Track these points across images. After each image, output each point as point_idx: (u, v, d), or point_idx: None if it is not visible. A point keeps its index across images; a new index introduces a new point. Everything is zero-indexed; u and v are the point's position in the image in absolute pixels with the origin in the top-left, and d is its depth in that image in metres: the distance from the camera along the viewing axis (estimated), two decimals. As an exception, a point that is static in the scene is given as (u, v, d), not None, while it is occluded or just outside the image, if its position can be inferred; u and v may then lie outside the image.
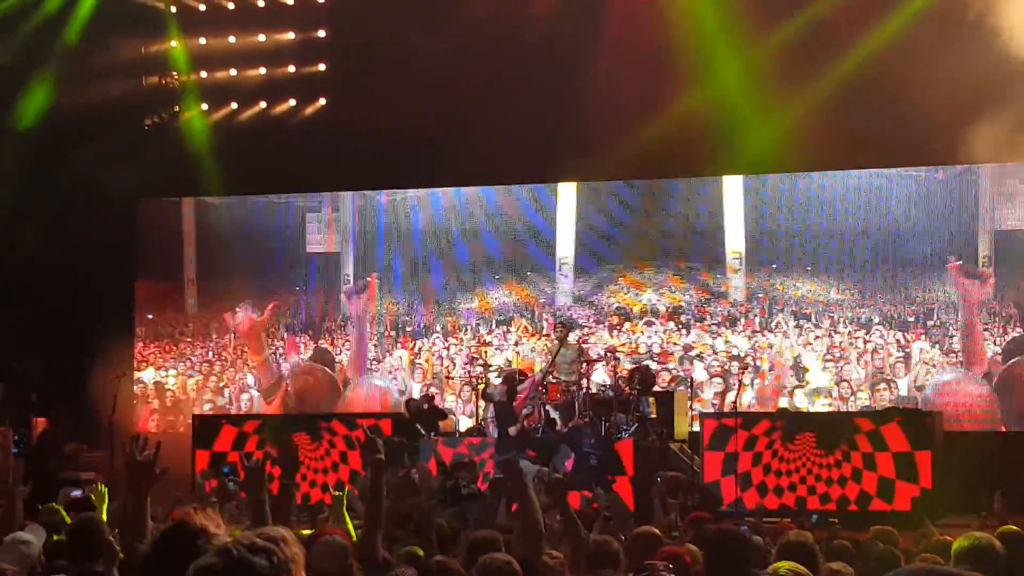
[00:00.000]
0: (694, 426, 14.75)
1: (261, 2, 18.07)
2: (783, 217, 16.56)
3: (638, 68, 15.28)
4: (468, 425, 16.32)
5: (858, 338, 15.98)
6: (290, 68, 18.20)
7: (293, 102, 18.26)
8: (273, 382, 18.10)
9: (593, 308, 17.21)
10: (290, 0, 17.98)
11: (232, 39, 18.25)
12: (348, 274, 18.20)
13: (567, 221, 17.43)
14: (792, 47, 15.15)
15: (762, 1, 15.55)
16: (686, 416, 15.00)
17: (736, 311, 16.59)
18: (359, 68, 17.39)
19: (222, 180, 17.92)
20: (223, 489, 11.01)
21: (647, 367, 15.47)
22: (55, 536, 6.51)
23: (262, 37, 18.19)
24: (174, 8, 18.08)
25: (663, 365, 16.50)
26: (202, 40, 18.33)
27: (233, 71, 18.31)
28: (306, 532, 6.19)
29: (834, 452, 13.10)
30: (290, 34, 18.17)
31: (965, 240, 15.72)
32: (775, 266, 16.44)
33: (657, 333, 16.88)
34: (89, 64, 17.18)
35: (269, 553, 2.39)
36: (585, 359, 15.02)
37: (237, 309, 18.29)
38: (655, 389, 14.96)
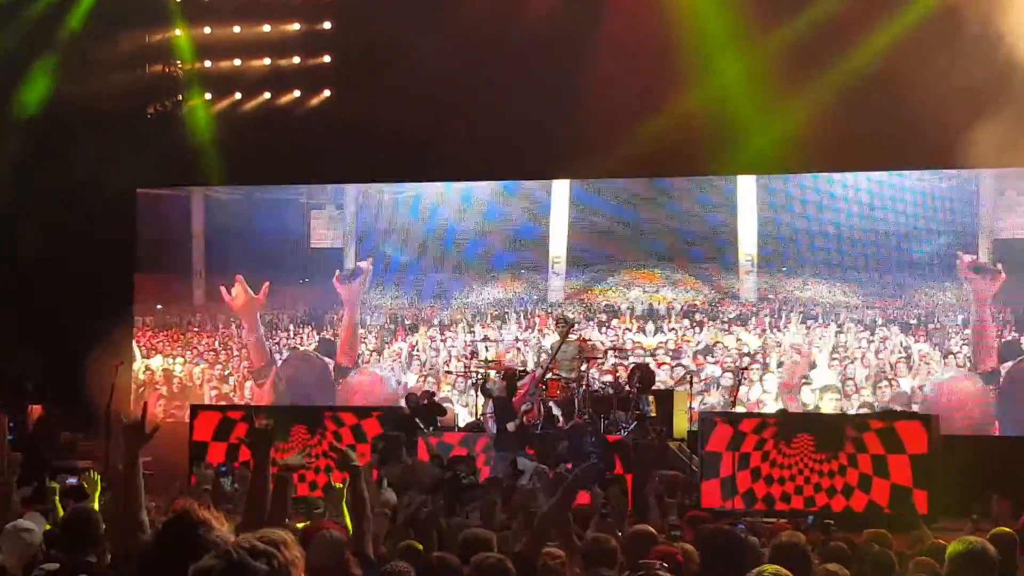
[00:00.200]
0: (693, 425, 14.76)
1: (266, -7, 18.09)
2: (789, 219, 16.71)
3: (640, 66, 15.26)
4: (465, 417, 16.42)
5: (863, 338, 16.23)
6: (295, 59, 18.19)
7: (297, 93, 18.26)
8: (264, 364, 18.28)
9: (583, 305, 17.34)
10: (295, -8, 18.03)
11: (237, 29, 18.23)
12: (349, 268, 18.29)
13: (561, 218, 17.50)
14: (795, 48, 15.14)
15: (765, 1, 15.53)
16: (685, 415, 15.02)
17: (747, 310, 16.79)
18: (363, 61, 17.39)
19: (224, 170, 17.94)
20: (220, 491, 10.92)
21: (647, 365, 15.48)
22: (46, 526, 6.51)
23: (267, 28, 18.17)
24: (179, -3, 18.10)
25: (675, 360, 16.69)
26: (207, 29, 18.31)
27: (237, 61, 18.30)
28: (300, 525, 6.18)
29: (831, 453, 13.10)
30: (295, 25, 18.16)
31: (967, 243, 15.89)
32: (785, 269, 16.65)
33: (659, 332, 17.03)
34: (92, 53, 17.16)
35: (269, 557, 2.40)
36: (586, 356, 15.02)
37: (235, 283, 18.43)
38: (654, 387, 14.96)
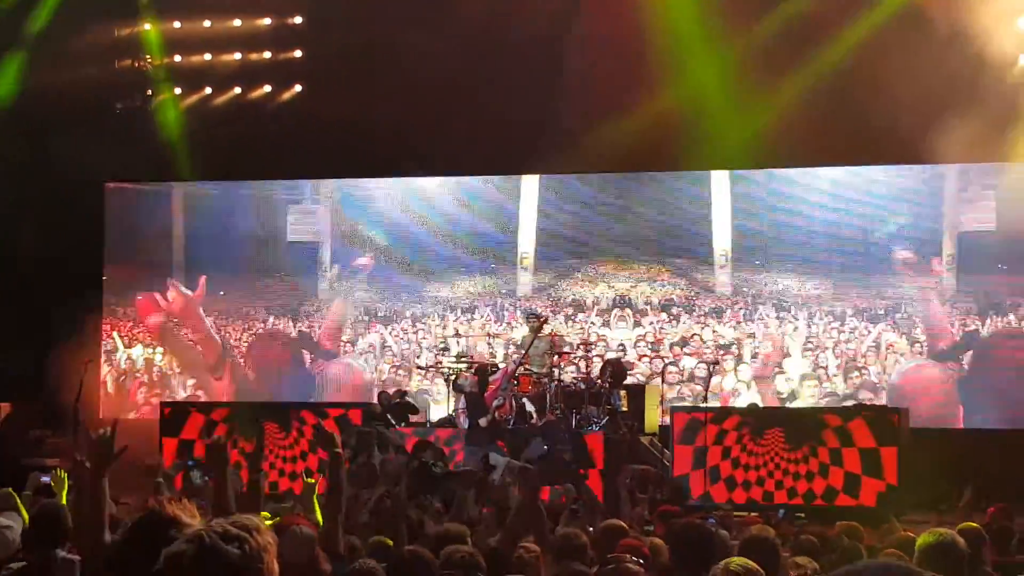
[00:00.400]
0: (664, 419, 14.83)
1: (237, -13, 18.00)
2: (763, 215, 16.91)
3: (613, 63, 15.29)
4: (437, 411, 16.48)
5: (833, 328, 16.57)
6: (266, 54, 18.11)
7: (268, 88, 18.19)
8: (216, 359, 18.36)
9: (551, 299, 17.47)
10: (266, -14, 17.94)
11: (207, 23, 18.13)
12: (325, 261, 18.33)
13: (530, 214, 17.60)
14: (767, 46, 15.23)
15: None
16: (656, 410, 15.08)
17: (722, 303, 17.05)
18: (335, 56, 17.33)
19: (195, 166, 17.85)
20: (189, 484, 10.86)
21: (618, 360, 15.52)
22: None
23: (238, 22, 18.08)
24: (148, -10, 17.98)
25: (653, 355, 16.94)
26: (176, 24, 18.20)
27: (208, 56, 18.21)
28: (269, 522, 6.15)
29: (802, 448, 13.19)
30: (266, 20, 18.08)
31: (932, 236, 16.23)
32: (757, 262, 16.89)
33: (625, 327, 17.23)
34: (60, 46, 17.01)
35: (241, 541, 2.40)
36: (557, 351, 15.03)
37: (169, 287, 18.53)
38: (626, 382, 15.01)
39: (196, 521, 3.08)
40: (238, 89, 18.21)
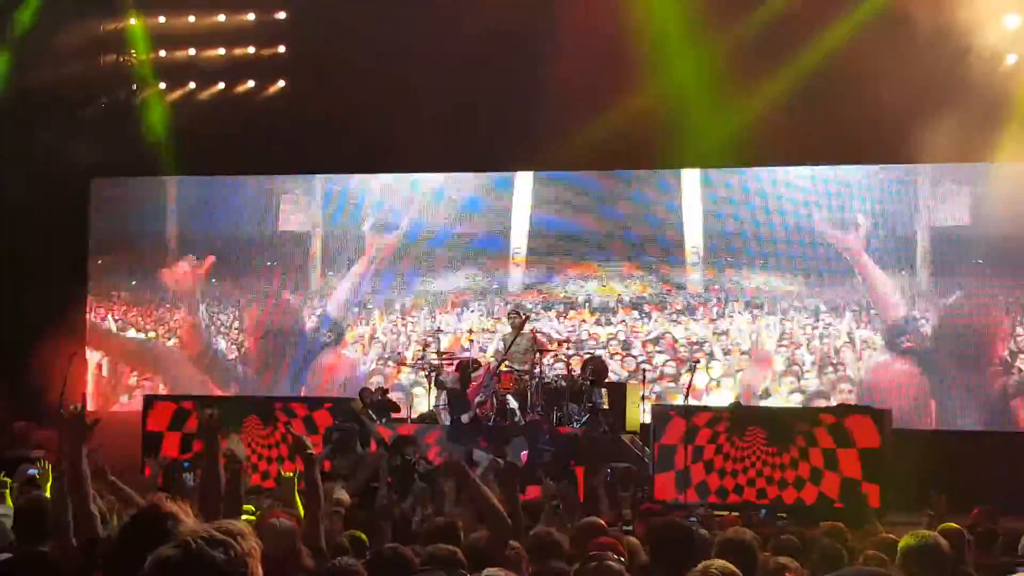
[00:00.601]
0: (645, 418, 14.88)
1: (221, -18, 17.98)
2: (736, 212, 16.97)
3: (594, 62, 15.31)
4: (421, 406, 16.52)
5: (807, 325, 16.67)
6: (250, 49, 18.11)
7: (252, 83, 18.19)
8: (202, 349, 18.41)
9: (542, 296, 17.52)
10: (250, -19, 17.92)
11: (191, 19, 18.12)
12: (316, 251, 18.38)
13: (522, 210, 17.64)
14: (746, 45, 15.29)
15: (718, -1, 15.69)
16: (638, 407, 15.13)
17: (695, 301, 17.12)
18: (318, 51, 17.35)
19: (180, 161, 17.85)
20: (180, 485, 10.87)
21: (599, 358, 15.55)
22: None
23: (222, 17, 18.07)
24: (133, -14, 17.95)
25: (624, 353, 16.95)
26: (161, 19, 18.18)
27: (192, 51, 18.20)
28: (250, 518, 6.18)
29: (783, 447, 13.23)
30: (250, 15, 18.07)
31: (905, 233, 16.30)
32: (730, 259, 16.95)
33: (609, 324, 17.28)
34: (45, 42, 16.97)
35: (227, 547, 2.45)
36: (538, 348, 15.07)
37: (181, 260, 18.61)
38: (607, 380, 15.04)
39: (191, 518, 3.14)
40: (222, 84, 18.22)
